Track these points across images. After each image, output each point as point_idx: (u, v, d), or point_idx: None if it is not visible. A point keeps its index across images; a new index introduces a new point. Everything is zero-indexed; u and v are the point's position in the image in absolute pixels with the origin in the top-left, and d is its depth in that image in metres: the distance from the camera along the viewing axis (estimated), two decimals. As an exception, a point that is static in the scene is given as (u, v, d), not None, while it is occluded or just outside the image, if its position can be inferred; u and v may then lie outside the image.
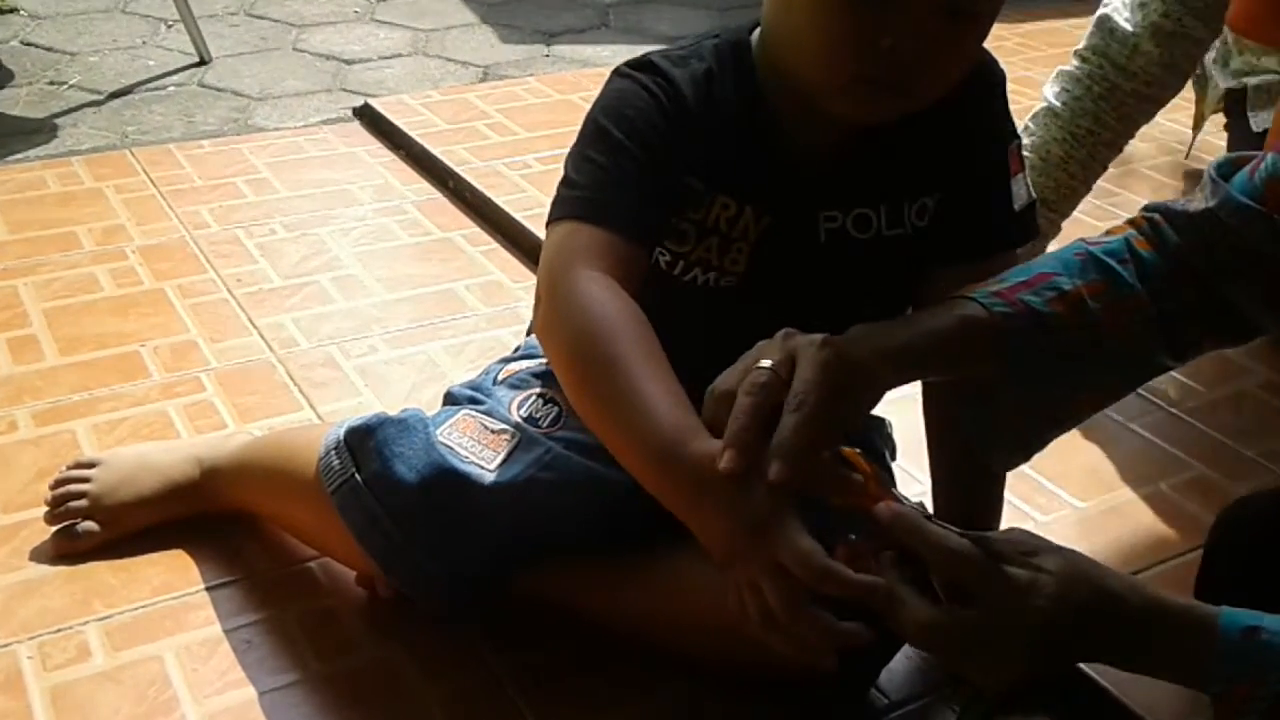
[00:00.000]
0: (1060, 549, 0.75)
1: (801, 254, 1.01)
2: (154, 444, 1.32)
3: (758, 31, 0.99)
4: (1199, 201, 0.91)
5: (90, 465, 1.24)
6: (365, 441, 1.05)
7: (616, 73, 1.00)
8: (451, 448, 1.04)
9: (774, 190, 0.99)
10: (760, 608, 0.76)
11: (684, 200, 0.99)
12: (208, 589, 1.16)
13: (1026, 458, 0.96)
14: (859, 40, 0.86)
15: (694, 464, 0.79)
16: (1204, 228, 0.90)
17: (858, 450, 0.79)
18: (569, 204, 0.95)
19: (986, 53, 1.02)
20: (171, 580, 1.17)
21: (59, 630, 1.11)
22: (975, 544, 0.74)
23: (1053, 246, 1.42)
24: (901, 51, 0.86)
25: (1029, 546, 0.75)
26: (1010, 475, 1.32)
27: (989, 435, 0.93)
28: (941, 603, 0.74)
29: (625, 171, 0.95)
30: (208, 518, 1.23)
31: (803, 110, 0.95)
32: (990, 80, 1.01)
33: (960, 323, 0.88)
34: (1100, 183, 2.09)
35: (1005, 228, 1.03)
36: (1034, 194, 1.05)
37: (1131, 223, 0.95)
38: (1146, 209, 0.95)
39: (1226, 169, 0.92)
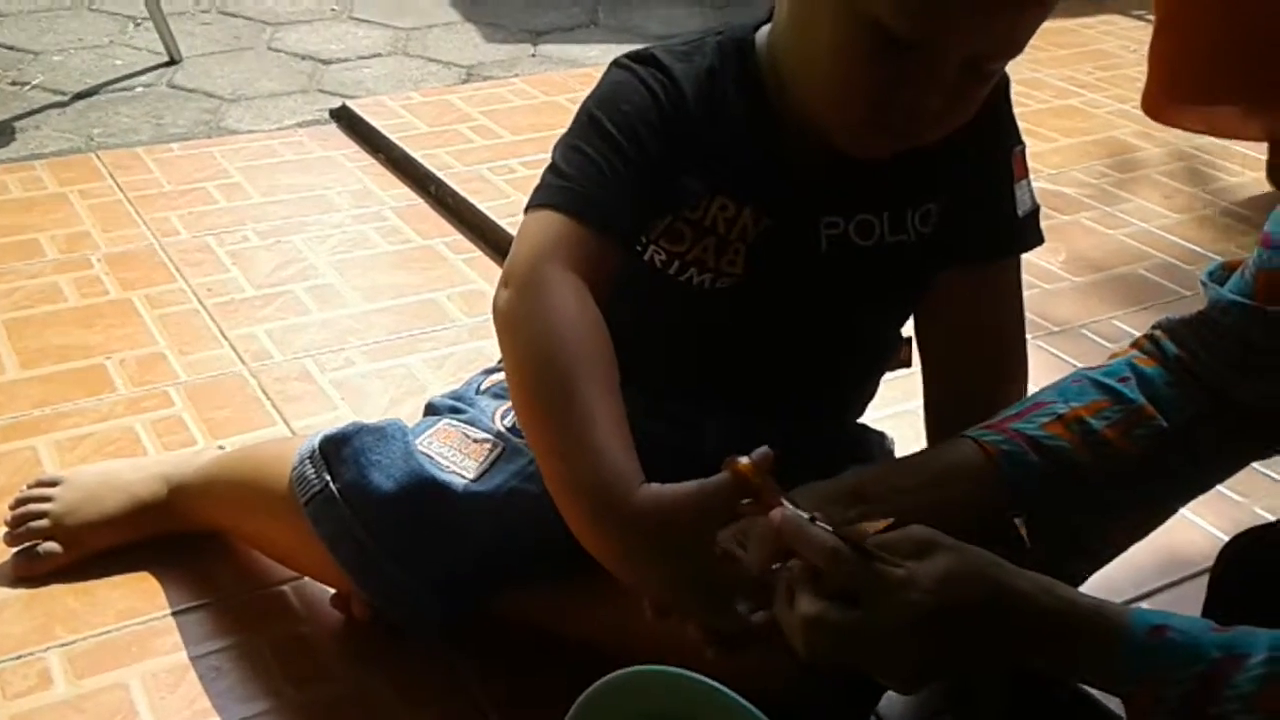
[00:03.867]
0: (961, 547, 0.76)
1: (802, 260, 1.02)
2: (119, 461, 1.32)
3: (763, 31, 1.00)
4: (1196, 310, 0.94)
5: (52, 484, 1.24)
6: (341, 450, 1.05)
7: (615, 64, 1.01)
8: (431, 457, 1.05)
9: (774, 192, 1.00)
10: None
11: (680, 200, 0.99)
12: (175, 613, 1.16)
13: None
14: (878, 91, 0.88)
15: (630, 517, 0.80)
16: (1200, 332, 0.94)
17: (746, 460, 0.79)
18: (552, 192, 0.96)
19: None
20: (137, 604, 1.17)
21: (19, 657, 1.10)
22: (854, 542, 0.75)
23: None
24: (917, 105, 0.88)
25: (922, 544, 0.76)
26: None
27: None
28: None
29: (614, 167, 0.95)
30: (175, 538, 1.22)
31: (805, 117, 0.96)
32: (996, 86, 1.02)
33: (949, 467, 0.92)
34: (1109, 188, 2.12)
35: (1008, 233, 1.04)
36: (1038, 201, 1.06)
37: (1135, 344, 0.99)
38: (1150, 329, 0.99)
39: (1218, 274, 0.95)
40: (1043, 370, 1.56)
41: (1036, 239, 1.07)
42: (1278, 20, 0.60)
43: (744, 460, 0.79)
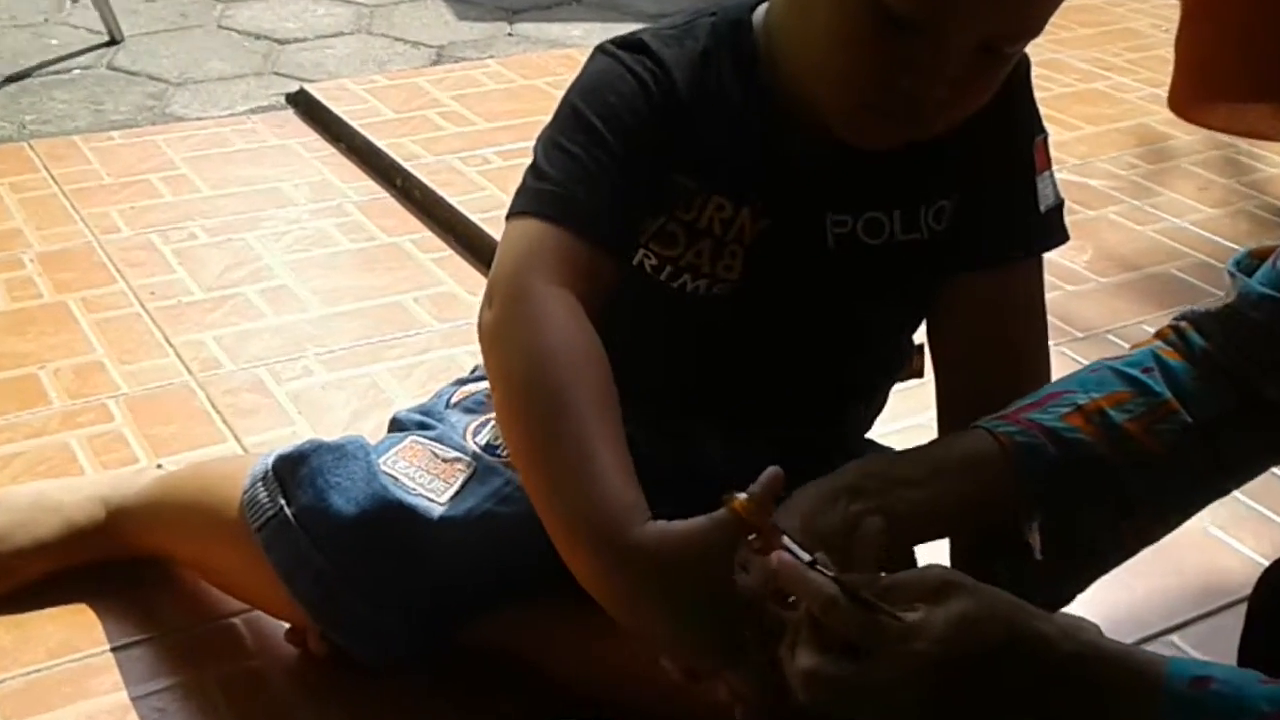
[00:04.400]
0: (977, 588, 0.76)
1: (807, 260, 1.02)
2: (53, 481, 1.32)
3: (760, 10, 1.00)
4: (1222, 300, 0.95)
5: (-21, 506, 1.23)
6: (297, 470, 1.05)
7: (600, 50, 1.00)
8: (396, 478, 1.05)
9: (774, 189, 1.00)
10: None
11: (672, 199, 0.99)
12: (114, 649, 1.16)
13: (1067, 599, 0.98)
14: (879, 72, 0.88)
15: (634, 556, 0.80)
16: (1229, 326, 0.94)
17: (744, 496, 0.79)
18: (536, 197, 0.95)
19: None
20: (72, 639, 1.16)
21: (-59, 697, 1.10)
22: (853, 592, 0.75)
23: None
24: (921, 89, 0.88)
25: (939, 586, 0.76)
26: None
27: (1025, 579, 0.93)
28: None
29: (601, 166, 0.95)
30: (115, 566, 1.22)
31: (804, 103, 0.96)
32: (1013, 69, 1.02)
33: (960, 458, 0.93)
34: (1139, 180, 2.12)
35: (1029, 229, 1.04)
36: (1062, 195, 1.06)
37: (1158, 334, 0.99)
38: (1174, 319, 0.99)
39: (1246, 263, 0.96)
40: (1066, 379, 1.57)
41: (1060, 236, 1.07)
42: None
43: (741, 497, 0.79)
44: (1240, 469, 0.98)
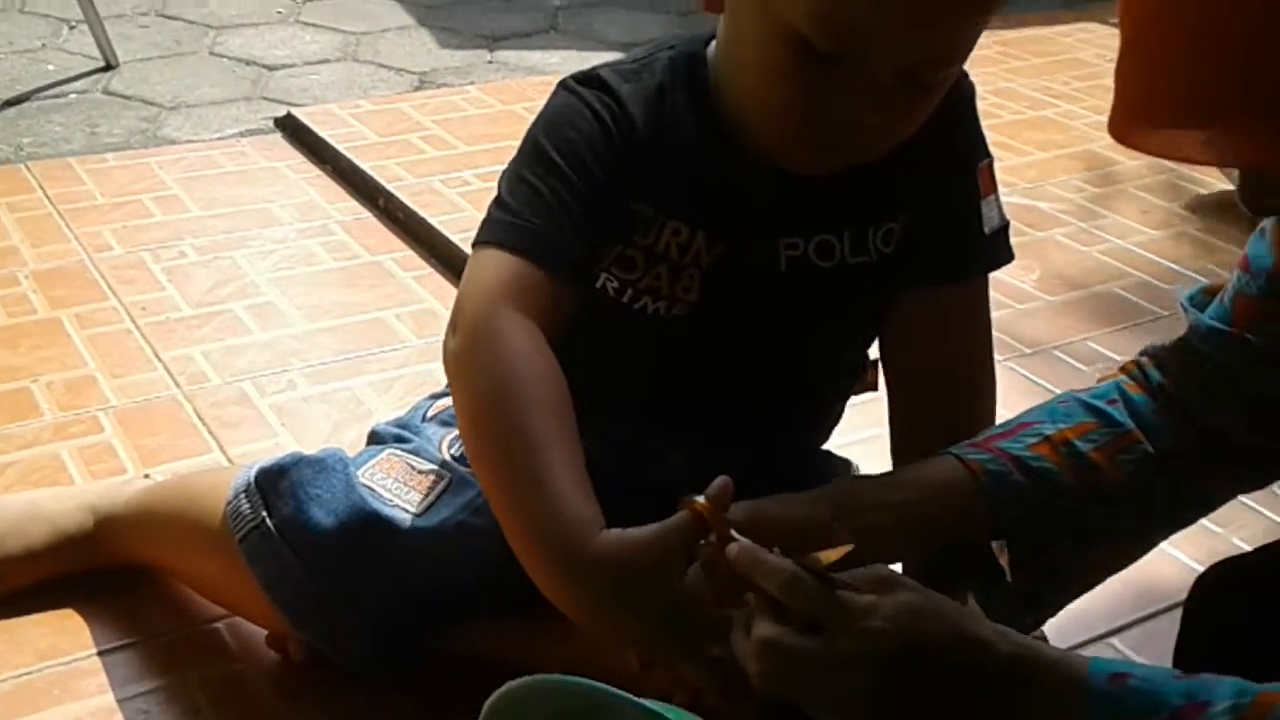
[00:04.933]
0: (921, 587, 0.76)
1: (760, 283, 1.02)
2: (44, 491, 1.30)
3: (714, 44, 1.00)
4: (1178, 336, 0.96)
5: (-29, 515, 1.22)
6: (278, 483, 1.05)
7: (562, 85, 1.01)
8: (374, 489, 1.04)
9: (728, 216, 1.00)
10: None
11: (630, 227, 1.00)
12: (100, 653, 1.15)
13: (1038, 621, 0.98)
14: (806, 104, 0.89)
15: (591, 564, 0.81)
16: (1183, 360, 0.95)
17: (701, 499, 0.80)
18: (499, 228, 0.97)
19: None
20: (60, 643, 1.15)
21: (-68, 700, 1.09)
22: (815, 570, 0.75)
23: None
24: (849, 119, 0.88)
25: (884, 580, 0.76)
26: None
27: (995, 599, 0.94)
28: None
29: (561, 200, 0.96)
30: (102, 573, 1.21)
31: (749, 134, 0.96)
32: (958, 95, 1.02)
33: (931, 484, 0.92)
34: (1085, 203, 2.14)
35: (974, 250, 1.05)
36: (1007, 217, 1.07)
37: (1123, 369, 1.00)
38: (1138, 354, 1.00)
39: (1199, 299, 0.96)
40: (1015, 393, 1.58)
41: (1005, 256, 1.07)
42: (1238, 42, 0.61)
43: (699, 500, 0.80)
44: (1199, 499, 0.98)
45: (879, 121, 0.89)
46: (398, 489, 1.06)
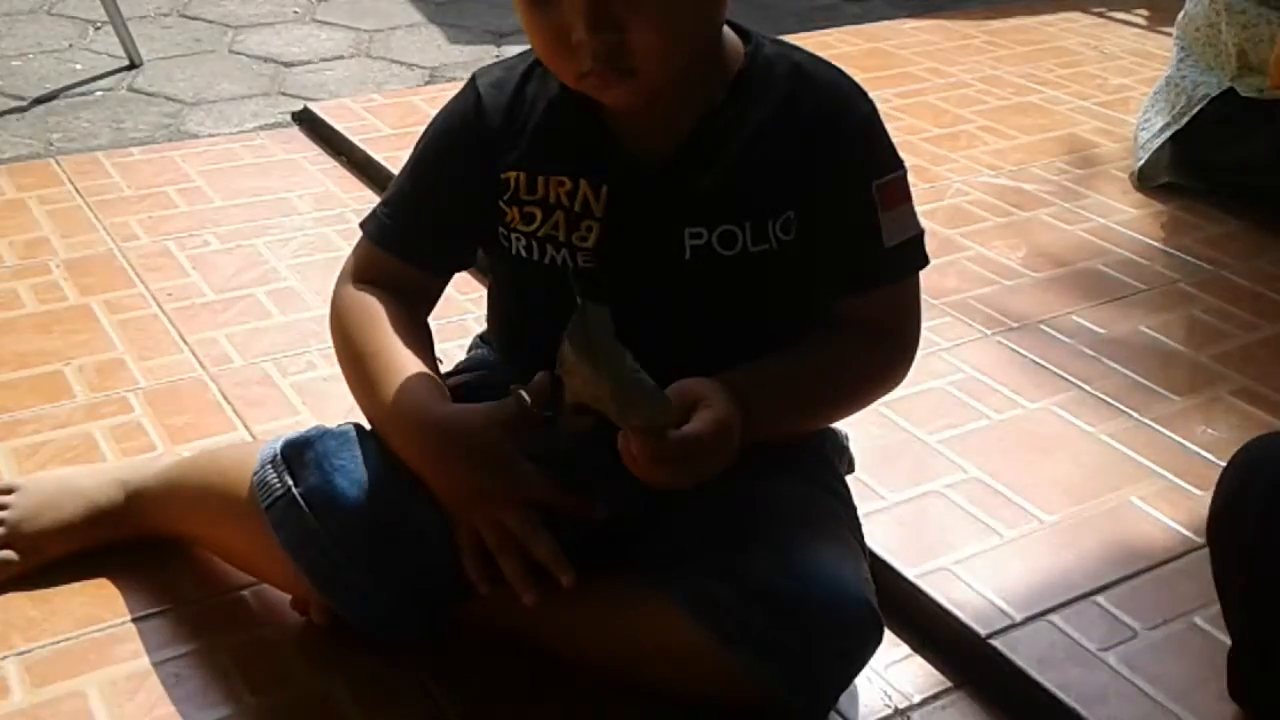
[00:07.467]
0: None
1: (665, 270, 1.03)
2: (77, 467, 1.31)
3: None
4: None
5: (8, 491, 1.23)
6: (304, 455, 1.05)
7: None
8: (393, 461, 1.04)
9: (602, 159, 1.04)
10: (496, 542, 0.98)
11: (517, 189, 1.05)
12: (134, 620, 1.15)
13: None
14: (556, 42, 0.95)
15: (438, 424, 1.00)
16: None
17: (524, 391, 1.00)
18: (370, 221, 1.13)
19: (849, 86, 1.05)
20: (96, 611, 1.16)
21: (-25, 666, 1.09)
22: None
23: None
24: (591, 44, 0.92)
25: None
26: (973, 489, 1.34)
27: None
28: None
29: (422, 196, 1.10)
30: (134, 544, 1.21)
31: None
32: (845, 111, 1.04)
33: None
34: (1068, 184, 2.13)
35: (876, 262, 1.06)
36: (919, 227, 1.07)
37: None
38: None
39: None
40: (1002, 366, 1.58)
41: (911, 265, 1.08)
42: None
43: (523, 391, 1.00)
44: None
45: (632, 39, 0.92)
46: None
